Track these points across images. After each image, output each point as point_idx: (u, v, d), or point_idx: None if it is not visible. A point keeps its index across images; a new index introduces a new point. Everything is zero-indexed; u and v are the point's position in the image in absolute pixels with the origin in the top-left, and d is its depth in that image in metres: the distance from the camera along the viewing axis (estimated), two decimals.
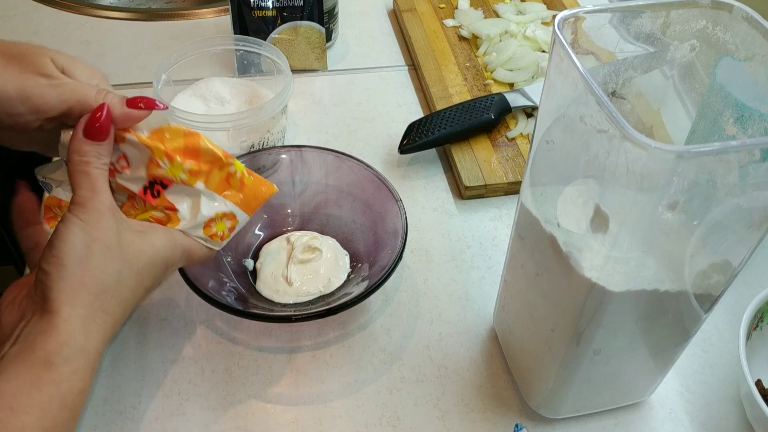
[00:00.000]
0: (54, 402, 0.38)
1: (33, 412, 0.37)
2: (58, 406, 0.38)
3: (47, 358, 0.38)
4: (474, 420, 0.55)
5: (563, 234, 0.44)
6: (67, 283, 0.40)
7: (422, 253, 0.68)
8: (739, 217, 0.40)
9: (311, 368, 0.58)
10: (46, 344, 0.39)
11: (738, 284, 0.51)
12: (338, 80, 0.88)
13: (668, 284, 0.43)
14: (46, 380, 0.38)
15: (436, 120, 0.75)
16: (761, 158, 0.36)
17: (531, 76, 0.85)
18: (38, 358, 0.38)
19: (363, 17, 0.99)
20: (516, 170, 0.74)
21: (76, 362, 0.39)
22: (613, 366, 0.49)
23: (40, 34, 0.91)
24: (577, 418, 0.56)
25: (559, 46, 0.40)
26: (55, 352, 0.38)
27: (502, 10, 0.95)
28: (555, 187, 0.46)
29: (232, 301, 0.57)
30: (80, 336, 0.40)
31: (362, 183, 0.65)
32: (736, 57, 0.43)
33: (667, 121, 0.49)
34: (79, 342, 0.39)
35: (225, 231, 0.50)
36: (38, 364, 0.38)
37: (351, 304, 0.56)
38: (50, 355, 0.38)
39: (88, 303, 0.40)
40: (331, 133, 0.80)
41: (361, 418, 0.55)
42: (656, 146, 0.33)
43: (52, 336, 0.39)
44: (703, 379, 0.59)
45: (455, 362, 0.59)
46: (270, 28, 0.84)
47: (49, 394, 0.38)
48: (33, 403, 0.37)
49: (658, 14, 0.43)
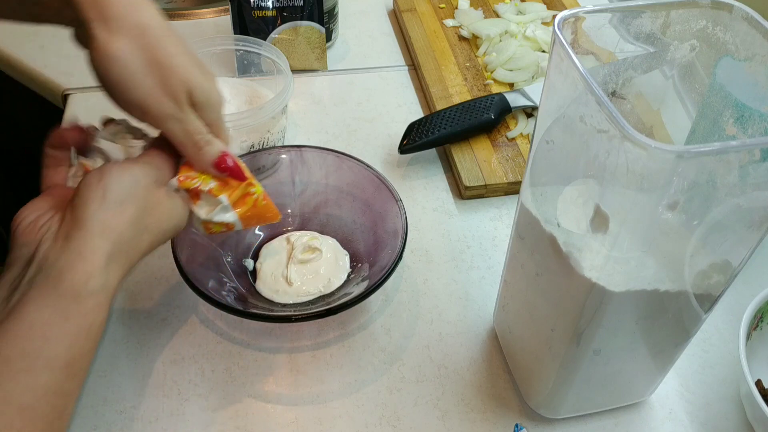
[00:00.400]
0: (81, 333, 0.40)
1: (64, 341, 0.39)
2: (85, 337, 0.40)
3: (75, 290, 0.40)
4: (474, 420, 0.55)
5: (563, 234, 0.44)
6: (105, 217, 0.42)
7: (422, 253, 0.68)
8: (739, 217, 0.40)
9: (311, 368, 0.58)
10: (74, 276, 0.40)
11: (738, 284, 0.50)
12: (338, 80, 0.88)
13: (668, 284, 0.43)
14: (74, 312, 0.40)
15: (436, 120, 0.75)
16: (761, 158, 0.36)
17: (531, 76, 0.85)
18: (66, 290, 0.40)
19: (363, 17, 0.99)
20: (516, 170, 0.74)
21: (99, 296, 0.41)
22: (613, 366, 0.49)
23: (40, 34, 0.91)
24: (577, 418, 0.56)
25: (559, 46, 0.40)
26: (82, 284, 0.40)
27: (502, 10, 0.95)
28: (555, 187, 0.46)
29: (232, 301, 0.57)
30: (104, 271, 0.42)
31: (362, 183, 0.65)
32: (736, 57, 0.43)
33: (667, 121, 0.49)
34: (102, 277, 0.41)
35: (215, 230, 0.52)
36: (67, 296, 0.40)
37: (351, 304, 0.56)
38: (77, 287, 0.40)
39: (116, 242, 0.43)
40: (331, 133, 0.80)
41: (361, 418, 0.55)
42: (656, 146, 0.33)
43: (79, 268, 0.41)
44: (703, 379, 0.59)
45: (455, 362, 0.59)
46: (270, 28, 0.84)
47: (77, 325, 0.40)
48: (64, 334, 0.39)
49: (658, 14, 0.43)
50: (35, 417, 0.37)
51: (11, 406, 0.36)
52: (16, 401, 0.37)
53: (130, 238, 0.44)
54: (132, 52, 0.44)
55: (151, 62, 0.44)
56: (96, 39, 0.43)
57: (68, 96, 0.83)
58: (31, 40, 0.90)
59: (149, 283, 0.64)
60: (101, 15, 0.43)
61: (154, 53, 0.44)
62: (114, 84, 0.45)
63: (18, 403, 0.37)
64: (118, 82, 0.45)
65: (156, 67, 0.45)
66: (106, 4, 0.43)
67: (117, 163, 0.46)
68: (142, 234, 0.45)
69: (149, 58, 0.44)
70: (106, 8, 0.43)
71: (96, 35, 0.43)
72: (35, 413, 0.37)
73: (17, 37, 0.90)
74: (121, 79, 0.44)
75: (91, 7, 0.43)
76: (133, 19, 0.44)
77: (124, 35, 0.43)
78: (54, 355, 0.39)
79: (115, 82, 0.45)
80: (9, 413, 0.36)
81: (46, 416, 0.38)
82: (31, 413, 0.37)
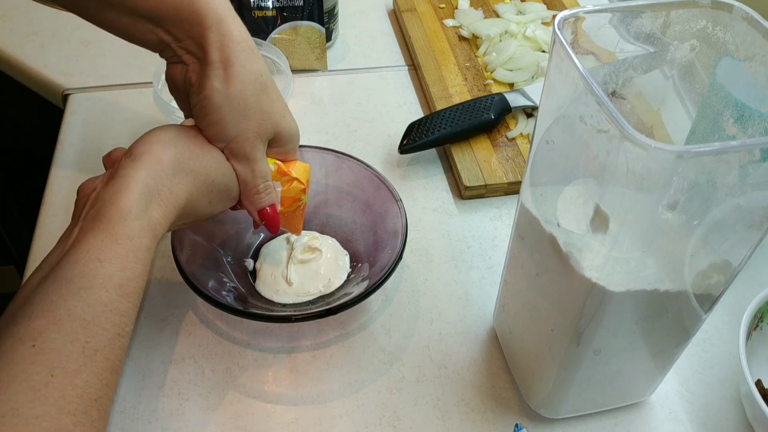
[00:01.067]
0: (130, 255, 0.43)
1: (115, 263, 0.42)
2: (134, 259, 0.43)
3: (120, 215, 0.44)
4: (474, 420, 0.55)
5: (563, 234, 0.44)
6: (147, 151, 0.47)
7: (422, 253, 0.68)
8: (739, 217, 0.40)
9: (311, 368, 0.58)
10: (119, 202, 0.44)
11: (738, 284, 0.51)
12: (338, 80, 0.88)
13: (668, 284, 0.43)
14: (122, 235, 0.43)
15: (436, 120, 0.75)
16: (761, 158, 0.36)
17: (531, 76, 0.85)
18: (113, 216, 0.44)
19: (363, 17, 0.99)
20: (516, 170, 0.74)
21: (143, 220, 0.45)
22: (613, 366, 0.49)
23: (40, 34, 0.91)
24: (577, 418, 0.56)
25: (559, 46, 0.40)
26: (126, 209, 0.44)
27: (502, 10, 0.95)
28: (555, 187, 0.46)
29: (232, 301, 0.57)
30: (143, 199, 0.45)
31: (362, 183, 0.65)
32: (736, 57, 0.43)
33: (667, 121, 0.49)
34: (143, 202, 0.45)
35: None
36: (114, 220, 0.43)
37: (351, 304, 0.56)
38: (123, 212, 0.44)
39: (156, 175, 0.46)
40: (331, 133, 0.80)
41: (361, 418, 0.55)
42: (656, 146, 0.33)
43: (123, 195, 0.44)
44: (703, 379, 0.59)
45: (455, 362, 0.59)
46: (270, 28, 0.84)
47: (125, 248, 0.43)
48: (114, 255, 0.43)
49: (658, 14, 0.43)
50: (97, 331, 0.40)
51: (75, 320, 0.40)
52: (79, 316, 0.40)
53: (171, 174, 0.47)
54: (244, 96, 0.48)
55: (257, 107, 0.49)
56: (219, 79, 0.48)
57: (68, 96, 0.83)
58: (31, 40, 0.90)
59: (149, 283, 0.64)
60: (225, 59, 0.48)
61: (259, 99, 0.49)
62: (215, 120, 0.49)
63: (81, 317, 0.40)
64: (221, 119, 0.49)
65: (259, 111, 0.50)
66: (232, 49, 0.48)
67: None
68: (185, 175, 0.48)
69: (256, 102, 0.49)
70: (231, 54, 0.48)
71: (219, 75, 0.48)
72: (97, 327, 0.40)
73: (17, 37, 0.90)
74: (226, 118, 0.49)
75: (217, 50, 0.47)
76: (250, 66, 0.49)
77: (241, 80, 0.48)
78: (108, 275, 0.42)
79: (218, 119, 0.49)
80: (73, 327, 0.39)
81: (106, 331, 0.41)
82: (93, 327, 0.40)
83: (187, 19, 0.47)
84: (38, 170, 0.84)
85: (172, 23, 0.48)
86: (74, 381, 0.38)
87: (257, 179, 0.53)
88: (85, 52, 0.89)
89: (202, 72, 0.48)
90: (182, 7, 0.47)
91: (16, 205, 1.22)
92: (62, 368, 0.38)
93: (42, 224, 0.68)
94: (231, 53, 0.48)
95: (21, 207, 1.22)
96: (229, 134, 0.50)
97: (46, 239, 0.67)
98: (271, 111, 0.51)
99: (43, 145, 0.85)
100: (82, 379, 0.39)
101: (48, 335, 0.39)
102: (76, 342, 0.39)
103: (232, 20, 0.49)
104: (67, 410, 0.38)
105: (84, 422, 0.38)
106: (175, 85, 0.51)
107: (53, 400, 0.37)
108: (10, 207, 1.22)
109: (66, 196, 0.71)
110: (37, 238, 0.67)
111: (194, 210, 0.50)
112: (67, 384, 0.38)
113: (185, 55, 0.49)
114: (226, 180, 0.51)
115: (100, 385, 0.40)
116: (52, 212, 0.70)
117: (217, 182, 0.51)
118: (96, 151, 0.76)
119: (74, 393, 0.38)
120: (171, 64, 0.51)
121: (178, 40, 0.49)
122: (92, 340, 0.40)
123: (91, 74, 0.86)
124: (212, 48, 0.47)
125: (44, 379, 0.37)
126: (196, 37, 0.48)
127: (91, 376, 0.39)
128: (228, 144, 0.51)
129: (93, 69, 0.86)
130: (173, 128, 0.50)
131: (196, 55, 0.49)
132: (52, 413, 0.37)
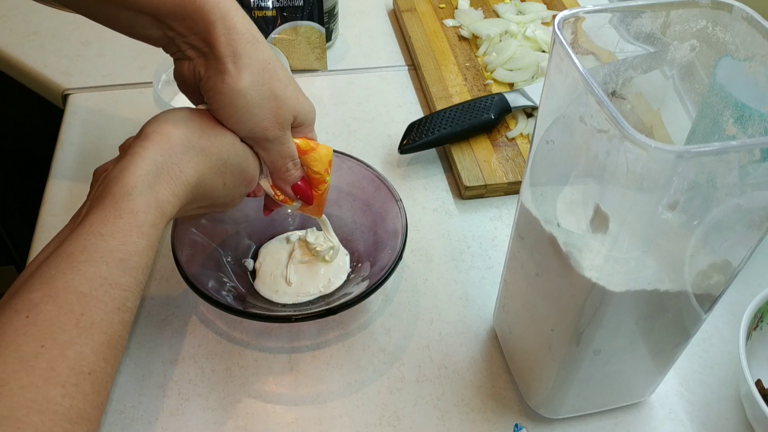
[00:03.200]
0: (133, 230, 0.43)
1: (117, 237, 0.42)
2: (137, 234, 0.43)
3: (125, 190, 0.44)
4: (474, 420, 0.55)
5: (563, 234, 0.44)
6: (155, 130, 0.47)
7: (422, 253, 0.68)
8: (739, 217, 0.40)
9: (311, 368, 0.58)
10: (125, 177, 0.44)
11: (738, 284, 0.51)
12: (338, 80, 0.88)
13: (668, 284, 0.43)
14: (125, 209, 0.43)
15: (436, 120, 0.75)
16: (761, 158, 0.36)
17: (531, 76, 0.85)
18: (117, 191, 0.44)
19: (363, 17, 0.99)
20: (516, 170, 0.74)
21: (149, 196, 0.45)
22: (613, 366, 0.49)
23: (40, 34, 0.91)
24: (577, 418, 0.56)
25: (559, 46, 0.40)
26: (131, 184, 0.44)
27: (502, 10, 0.95)
28: (555, 187, 0.46)
29: (231, 301, 0.57)
30: (152, 174, 0.45)
31: (362, 183, 0.65)
32: (736, 57, 0.43)
33: (667, 121, 0.49)
34: (150, 179, 0.45)
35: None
36: (118, 195, 0.44)
37: (351, 304, 0.56)
38: (128, 187, 0.44)
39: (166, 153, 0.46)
40: (331, 133, 0.80)
41: (361, 418, 0.55)
42: (656, 146, 0.33)
43: (130, 170, 0.44)
44: (703, 379, 0.59)
45: (455, 362, 0.59)
46: (270, 28, 0.84)
47: (129, 223, 0.43)
48: (117, 229, 0.42)
49: (658, 14, 0.43)
50: (94, 304, 0.40)
51: (71, 293, 0.40)
52: (75, 288, 0.40)
53: (180, 152, 0.47)
54: (256, 87, 0.49)
55: (269, 95, 0.50)
56: (228, 74, 0.48)
57: (68, 96, 0.83)
58: (31, 40, 0.90)
59: (149, 283, 0.64)
60: (234, 52, 0.48)
61: (271, 86, 0.50)
62: (234, 112, 0.49)
63: (77, 290, 0.40)
64: (239, 111, 0.49)
65: (272, 98, 0.50)
66: (238, 42, 0.48)
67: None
68: (195, 153, 0.48)
69: (268, 90, 0.50)
70: (238, 46, 0.48)
71: (228, 70, 0.48)
72: (94, 300, 0.40)
73: (17, 37, 0.90)
74: (243, 109, 0.49)
75: (225, 45, 0.48)
76: (257, 56, 0.49)
77: (250, 71, 0.48)
78: (108, 248, 0.42)
79: (236, 111, 0.49)
80: (69, 299, 0.39)
81: (105, 305, 0.40)
82: (89, 300, 0.40)
83: (191, 15, 0.47)
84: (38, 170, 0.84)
85: (176, 19, 0.48)
86: (65, 352, 0.38)
87: (285, 160, 0.54)
88: (85, 52, 0.89)
89: (210, 66, 0.49)
90: (185, 3, 0.47)
91: (16, 205, 1.22)
92: (53, 339, 0.38)
93: (42, 224, 0.68)
94: (238, 46, 0.48)
95: (21, 207, 1.22)
96: (248, 125, 0.50)
97: (46, 239, 0.66)
98: (284, 96, 0.51)
99: (43, 145, 0.85)
100: (75, 351, 0.38)
101: (42, 307, 0.38)
102: (70, 314, 0.39)
103: (235, 12, 0.49)
104: (55, 381, 0.37)
105: (74, 394, 0.37)
106: (185, 81, 0.51)
107: (41, 371, 0.36)
108: (10, 207, 1.22)
109: (66, 195, 0.71)
110: (37, 238, 0.67)
111: (208, 192, 0.50)
112: (57, 355, 0.37)
113: (189, 50, 0.49)
114: (239, 161, 0.51)
115: (95, 358, 0.39)
116: (52, 212, 0.70)
117: (230, 162, 0.50)
118: (96, 151, 0.76)
119: (65, 364, 0.37)
120: (178, 62, 0.51)
121: (182, 36, 0.49)
122: (88, 312, 0.39)
123: (91, 74, 0.86)
124: (219, 43, 0.47)
125: (34, 350, 0.37)
126: (200, 32, 0.48)
127: (84, 348, 0.39)
128: (249, 134, 0.51)
129: (93, 69, 0.86)
130: (184, 109, 0.50)
131: (201, 50, 0.49)
132: (38, 384, 0.36)
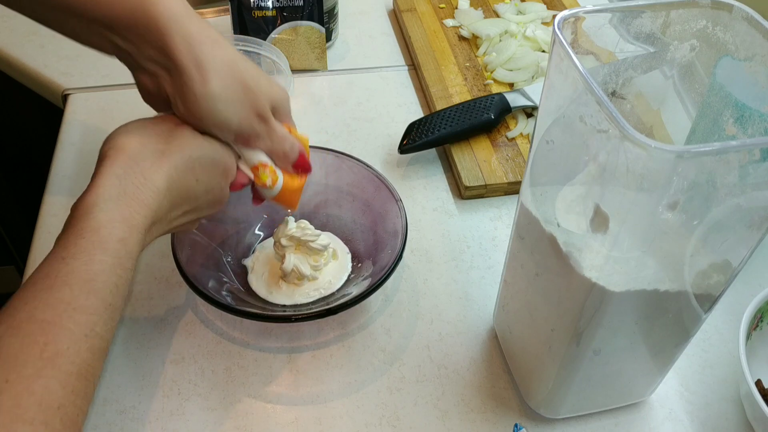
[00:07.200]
0: (96, 248, 0.42)
1: (80, 257, 0.41)
2: (101, 251, 0.42)
3: (86, 210, 0.43)
4: (474, 420, 0.55)
5: (563, 234, 0.44)
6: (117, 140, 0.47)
7: (422, 253, 0.68)
8: (739, 217, 0.40)
9: (311, 368, 0.58)
10: (85, 199, 0.44)
11: (738, 284, 0.51)
12: (338, 80, 0.88)
13: (668, 284, 0.43)
14: (86, 228, 0.42)
15: (436, 120, 0.75)
16: (761, 158, 0.36)
17: (531, 76, 0.85)
18: (79, 213, 0.43)
19: (363, 17, 0.99)
20: (516, 170, 0.74)
21: (112, 212, 0.43)
22: (613, 366, 0.49)
23: (40, 34, 0.90)
24: (577, 418, 0.56)
25: (559, 46, 0.40)
26: (92, 203, 0.43)
27: (502, 10, 0.95)
28: (555, 187, 0.46)
29: (231, 301, 0.57)
30: (114, 188, 0.44)
31: (362, 183, 0.65)
32: (736, 57, 0.43)
33: (667, 121, 0.49)
34: (113, 194, 0.44)
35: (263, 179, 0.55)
36: (79, 216, 0.43)
37: (351, 304, 0.56)
38: (88, 206, 0.43)
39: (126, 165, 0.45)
40: (331, 133, 0.80)
41: (361, 418, 0.55)
42: (656, 146, 0.33)
43: (91, 191, 0.44)
44: (703, 379, 0.59)
45: (455, 362, 0.59)
46: (270, 28, 0.84)
47: (90, 241, 0.42)
48: (79, 250, 0.41)
49: (658, 14, 0.43)
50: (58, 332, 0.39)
51: (34, 323, 0.38)
52: (38, 318, 0.39)
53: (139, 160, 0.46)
54: (228, 87, 0.48)
55: (244, 90, 0.49)
56: (194, 82, 0.47)
57: (68, 96, 0.83)
58: (31, 40, 0.90)
59: (149, 283, 0.64)
60: (196, 60, 0.47)
61: (242, 82, 0.49)
62: (215, 118, 0.49)
63: (40, 319, 0.39)
64: (220, 115, 0.49)
65: (248, 92, 0.49)
66: (197, 48, 0.47)
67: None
68: (156, 158, 0.47)
69: (240, 87, 0.49)
70: (198, 53, 0.47)
71: (194, 78, 0.47)
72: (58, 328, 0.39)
73: (17, 37, 0.90)
74: (224, 112, 0.49)
75: (186, 53, 0.46)
76: (220, 57, 0.48)
77: (218, 75, 0.47)
78: (70, 270, 0.41)
79: (217, 115, 0.49)
80: (32, 329, 0.38)
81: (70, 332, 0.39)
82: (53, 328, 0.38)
83: (143, 23, 0.46)
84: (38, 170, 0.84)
85: (127, 28, 0.46)
86: (31, 387, 0.36)
87: (282, 143, 0.54)
88: (85, 52, 0.88)
89: (175, 79, 0.47)
90: (135, 10, 0.46)
91: (16, 205, 1.22)
92: (17, 373, 0.36)
93: (42, 224, 0.68)
94: (198, 53, 0.47)
95: (21, 207, 1.22)
96: (233, 125, 0.50)
97: (46, 239, 0.67)
98: (258, 86, 0.50)
99: (43, 145, 0.85)
100: (41, 385, 0.37)
101: (6, 340, 0.37)
102: (34, 345, 0.37)
103: (188, 17, 0.47)
104: (22, 419, 0.35)
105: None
106: (149, 93, 0.50)
107: (6, 408, 0.35)
108: (10, 207, 1.22)
109: (66, 196, 0.71)
110: (37, 238, 0.67)
111: (184, 192, 0.48)
112: (22, 390, 0.36)
113: (151, 65, 0.48)
114: (206, 152, 0.50)
115: (64, 392, 0.37)
116: (52, 212, 0.70)
117: (196, 156, 0.49)
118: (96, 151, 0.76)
119: (31, 400, 0.36)
120: (137, 73, 0.50)
121: (137, 47, 0.47)
122: (52, 342, 0.38)
123: (91, 74, 0.86)
124: (179, 53, 0.46)
125: None
126: (155, 42, 0.46)
127: (51, 381, 0.37)
128: (235, 134, 0.51)
129: (93, 69, 0.86)
130: (137, 120, 0.49)
131: (162, 63, 0.47)
132: (5, 422, 0.35)
